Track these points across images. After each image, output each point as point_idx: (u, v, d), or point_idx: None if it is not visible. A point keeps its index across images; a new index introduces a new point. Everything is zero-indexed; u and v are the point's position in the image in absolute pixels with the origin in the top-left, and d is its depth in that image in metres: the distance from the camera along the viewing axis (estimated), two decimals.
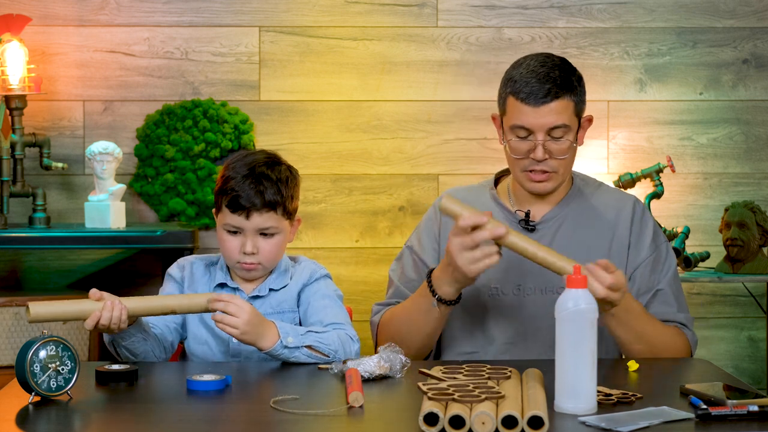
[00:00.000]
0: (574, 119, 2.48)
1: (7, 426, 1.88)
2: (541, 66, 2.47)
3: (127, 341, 2.36)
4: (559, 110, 2.44)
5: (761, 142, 4.04)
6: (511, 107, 2.48)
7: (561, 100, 2.44)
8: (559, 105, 2.44)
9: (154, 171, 3.88)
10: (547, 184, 2.51)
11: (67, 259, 3.94)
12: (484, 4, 3.98)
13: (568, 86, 2.46)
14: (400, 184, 3.99)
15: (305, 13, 3.96)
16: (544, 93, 2.43)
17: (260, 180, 2.45)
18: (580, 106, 2.50)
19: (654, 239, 2.58)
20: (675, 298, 2.56)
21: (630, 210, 2.59)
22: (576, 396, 1.91)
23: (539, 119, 2.44)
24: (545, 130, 2.45)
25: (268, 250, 2.48)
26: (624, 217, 2.57)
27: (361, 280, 3.94)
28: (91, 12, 3.91)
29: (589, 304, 1.92)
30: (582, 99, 2.51)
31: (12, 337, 3.55)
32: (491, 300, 2.55)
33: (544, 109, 2.43)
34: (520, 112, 2.45)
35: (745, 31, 4.02)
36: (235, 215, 2.46)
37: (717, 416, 1.88)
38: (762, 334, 4.04)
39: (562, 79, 2.46)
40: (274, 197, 2.46)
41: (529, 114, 2.44)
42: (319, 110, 3.97)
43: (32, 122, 3.87)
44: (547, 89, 2.43)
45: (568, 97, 2.45)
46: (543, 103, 2.43)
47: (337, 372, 2.21)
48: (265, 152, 2.55)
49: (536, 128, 2.44)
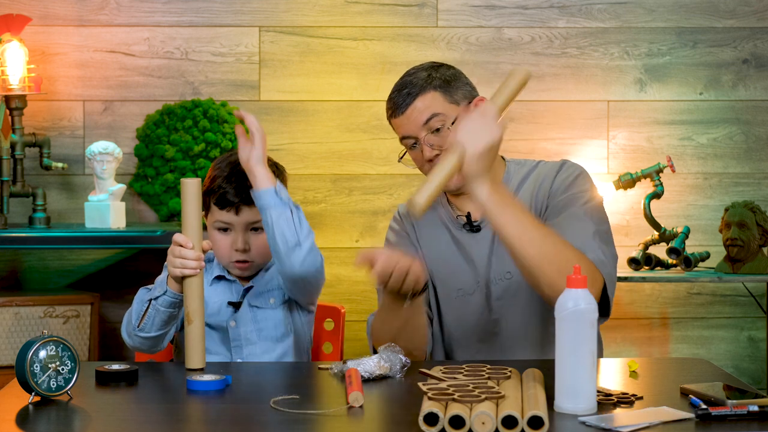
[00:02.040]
0: (448, 107, 2.51)
1: (7, 426, 1.88)
2: (401, 79, 2.56)
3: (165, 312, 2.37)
4: (423, 106, 2.50)
5: (761, 142, 4.04)
6: (393, 128, 2.57)
7: (422, 97, 2.50)
8: (422, 102, 2.50)
9: (154, 171, 3.88)
10: (458, 178, 2.47)
11: (67, 259, 3.94)
12: (484, 4, 3.98)
13: (424, 82, 2.51)
14: (400, 184, 3.99)
15: (305, 13, 3.96)
16: (402, 98, 2.52)
17: (242, 174, 2.46)
18: (455, 93, 2.52)
19: (573, 185, 2.49)
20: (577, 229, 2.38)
21: (557, 167, 2.55)
22: (576, 396, 1.91)
23: (410, 122, 2.51)
24: (421, 126, 2.50)
25: (260, 245, 2.51)
26: (549, 175, 2.54)
27: (361, 280, 3.93)
28: (91, 12, 3.91)
29: (589, 305, 1.92)
30: (455, 86, 2.53)
31: (12, 337, 3.55)
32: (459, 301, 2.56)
33: (409, 112, 2.50)
34: (397, 126, 2.54)
35: (745, 31, 4.02)
36: (224, 212, 2.50)
37: (717, 416, 1.88)
38: (762, 334, 4.04)
39: (417, 78, 2.52)
40: None
41: (403, 122, 2.52)
42: (319, 110, 3.97)
43: (32, 122, 3.87)
44: (405, 94, 2.51)
45: (428, 91, 2.50)
46: (406, 107, 2.51)
47: (337, 372, 2.21)
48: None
49: (414, 131, 2.51)
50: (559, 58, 3.99)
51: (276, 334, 2.55)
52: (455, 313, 2.56)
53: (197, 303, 2.28)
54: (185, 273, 2.28)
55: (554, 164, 2.58)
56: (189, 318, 2.27)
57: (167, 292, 2.35)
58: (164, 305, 2.36)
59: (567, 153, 3.89)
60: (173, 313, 2.38)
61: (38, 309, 3.59)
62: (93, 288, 3.88)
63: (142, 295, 2.42)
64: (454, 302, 2.56)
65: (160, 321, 2.38)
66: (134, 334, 2.42)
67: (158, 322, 2.38)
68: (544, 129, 3.97)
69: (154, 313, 2.37)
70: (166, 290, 2.35)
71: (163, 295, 2.35)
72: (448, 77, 2.54)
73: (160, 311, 2.37)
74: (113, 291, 3.92)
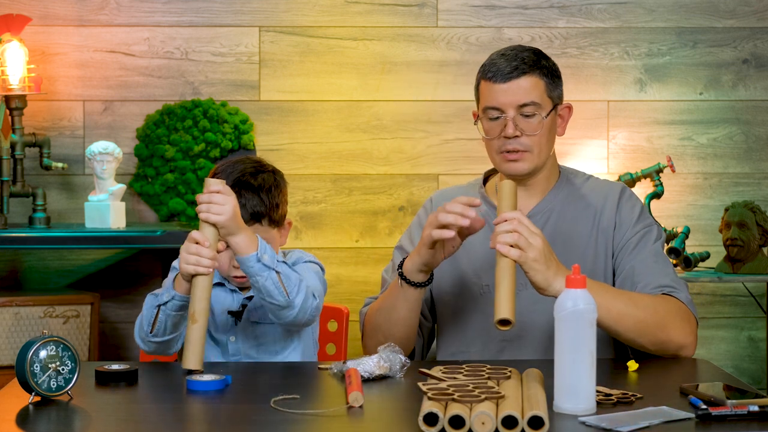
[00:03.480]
0: (545, 99, 2.51)
1: (7, 426, 1.88)
2: (510, 49, 2.53)
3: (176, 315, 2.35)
4: (528, 87, 2.48)
5: (761, 142, 4.04)
6: (482, 90, 2.53)
7: (529, 77, 2.48)
8: (527, 82, 2.48)
9: (154, 171, 3.88)
10: (521, 164, 2.51)
11: (67, 259, 3.94)
12: (484, 4, 3.98)
13: (535, 64, 2.50)
14: (400, 184, 3.99)
15: (305, 13, 3.96)
16: (510, 69, 2.48)
17: (241, 193, 2.43)
18: (553, 89, 2.53)
19: (640, 220, 2.56)
20: (659, 269, 2.50)
21: (617, 194, 2.58)
22: (575, 396, 1.91)
23: (508, 96, 2.48)
24: (515, 107, 2.48)
25: None
26: (610, 201, 2.57)
27: (361, 280, 3.93)
28: (91, 12, 3.91)
29: (588, 305, 1.92)
30: (555, 83, 2.53)
31: (12, 337, 3.55)
32: (483, 298, 2.55)
33: (512, 85, 2.48)
34: (490, 91, 2.50)
35: (745, 31, 4.02)
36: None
37: (717, 416, 1.88)
38: (762, 334, 4.04)
39: (529, 58, 2.51)
40: (257, 209, 2.46)
41: (498, 92, 2.48)
42: (319, 110, 3.97)
43: (32, 122, 3.87)
44: (513, 66, 2.48)
45: (536, 75, 2.49)
46: (510, 79, 2.48)
47: (337, 372, 2.21)
48: (249, 160, 2.54)
49: (506, 106, 2.48)
50: (559, 58, 3.98)
51: (276, 348, 2.53)
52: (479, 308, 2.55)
53: (203, 303, 2.26)
54: (198, 271, 2.24)
55: (612, 185, 2.61)
56: (194, 317, 2.25)
57: (175, 297, 2.32)
58: (173, 309, 2.34)
59: (567, 153, 3.89)
60: (184, 315, 2.35)
61: (38, 309, 3.59)
62: (93, 288, 3.87)
63: (150, 301, 2.39)
64: (478, 298, 2.56)
65: (172, 325, 2.36)
66: (148, 340, 2.40)
67: (170, 326, 2.36)
68: None
69: (164, 318, 2.35)
70: (174, 295, 2.32)
71: (171, 300, 2.33)
72: (555, 71, 2.54)
73: (170, 315, 2.35)
74: (113, 291, 3.92)
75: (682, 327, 2.41)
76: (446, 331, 2.60)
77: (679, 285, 2.48)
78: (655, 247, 2.52)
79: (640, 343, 2.40)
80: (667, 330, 2.40)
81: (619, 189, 2.60)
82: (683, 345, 2.41)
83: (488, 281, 2.54)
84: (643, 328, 2.38)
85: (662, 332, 2.39)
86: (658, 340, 2.40)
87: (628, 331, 2.37)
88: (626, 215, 2.55)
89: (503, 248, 2.24)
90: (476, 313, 2.56)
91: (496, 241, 2.26)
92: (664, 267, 2.51)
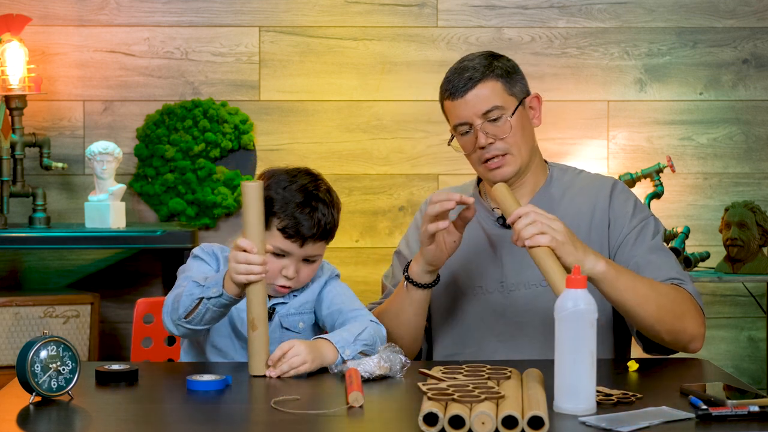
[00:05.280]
0: (507, 99, 2.51)
1: (7, 426, 1.88)
2: (459, 63, 2.55)
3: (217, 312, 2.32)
4: (486, 94, 2.49)
5: (761, 142, 4.04)
6: (447, 110, 2.54)
7: (483, 83, 2.49)
8: (483, 88, 2.49)
9: (154, 171, 3.88)
10: (505, 169, 2.51)
11: (67, 259, 3.94)
12: (484, 4, 3.98)
13: (487, 69, 2.51)
14: (400, 184, 3.99)
15: (305, 13, 3.96)
16: (464, 82, 2.49)
17: (317, 207, 2.39)
18: (512, 86, 2.53)
19: (635, 214, 2.55)
20: (663, 261, 2.50)
21: (608, 189, 2.57)
22: (575, 396, 1.91)
23: (469, 108, 2.49)
24: (479, 116, 2.49)
25: (306, 275, 2.43)
26: (602, 197, 2.56)
27: (362, 280, 3.94)
28: (91, 12, 3.91)
29: (589, 305, 1.92)
30: (512, 80, 2.53)
31: (12, 337, 3.55)
32: (476, 299, 2.55)
33: (470, 97, 2.49)
34: (453, 109, 2.52)
35: (745, 31, 4.02)
36: (288, 241, 2.38)
37: (717, 416, 1.88)
38: (762, 334, 4.04)
39: (480, 65, 2.51)
40: (330, 225, 2.42)
41: (460, 107, 2.50)
42: (319, 110, 3.97)
43: (32, 122, 3.87)
44: (467, 77, 2.49)
45: (491, 79, 2.50)
46: (466, 92, 2.49)
47: (337, 372, 2.21)
48: (309, 173, 2.48)
49: (471, 117, 2.49)
50: (559, 58, 3.99)
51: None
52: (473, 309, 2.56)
53: (261, 309, 2.22)
54: (251, 279, 2.20)
55: (603, 180, 2.61)
56: (253, 325, 2.21)
57: (223, 295, 2.25)
58: (218, 305, 2.27)
59: (567, 153, 3.89)
60: (224, 312, 2.31)
61: (38, 309, 3.59)
62: (93, 288, 3.87)
63: (192, 289, 2.29)
64: (471, 299, 2.56)
65: (210, 318, 2.29)
66: (180, 324, 2.31)
67: (208, 318, 2.29)
68: (544, 129, 3.94)
69: (204, 310, 2.27)
70: (222, 293, 2.25)
71: (218, 297, 2.26)
72: (509, 68, 2.54)
73: (211, 310, 2.27)
74: (113, 291, 3.92)
75: (695, 318, 2.42)
76: (441, 332, 2.61)
77: (685, 277, 2.49)
78: (655, 240, 2.52)
79: (657, 331, 2.40)
80: (683, 319, 2.40)
81: (611, 184, 2.59)
82: (695, 336, 2.42)
83: (481, 282, 2.54)
84: (663, 314, 2.38)
85: (679, 321, 2.40)
86: (674, 329, 2.40)
87: (649, 316, 2.37)
88: (620, 210, 2.54)
89: (531, 241, 2.25)
90: (470, 314, 2.56)
91: (521, 237, 2.26)
92: (667, 259, 2.51)
